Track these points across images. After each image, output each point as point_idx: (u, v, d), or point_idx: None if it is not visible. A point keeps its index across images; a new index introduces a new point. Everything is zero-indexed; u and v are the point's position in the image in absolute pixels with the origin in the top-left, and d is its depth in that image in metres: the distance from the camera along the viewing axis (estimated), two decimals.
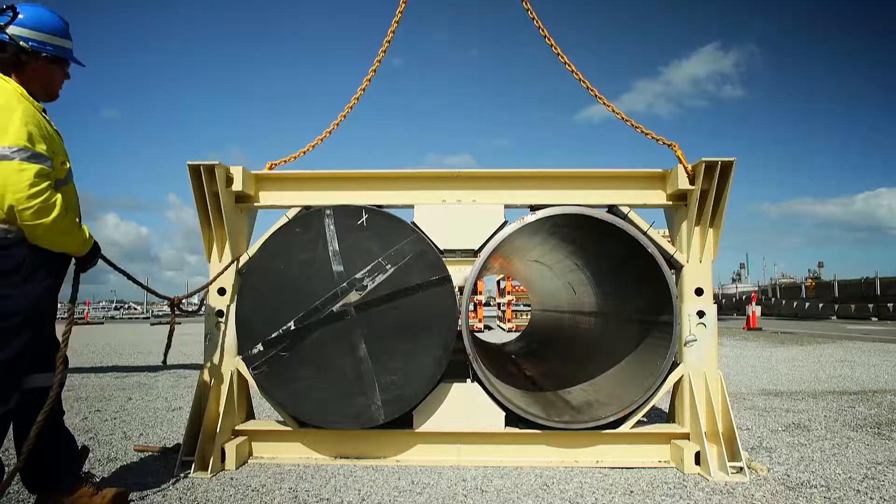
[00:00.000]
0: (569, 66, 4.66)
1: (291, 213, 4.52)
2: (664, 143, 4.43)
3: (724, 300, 48.95)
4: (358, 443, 4.27)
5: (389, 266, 4.14)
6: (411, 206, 4.58)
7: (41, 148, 2.83)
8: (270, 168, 4.68)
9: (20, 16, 3.02)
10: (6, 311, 2.78)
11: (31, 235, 2.83)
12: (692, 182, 4.21)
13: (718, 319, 4.36)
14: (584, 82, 4.65)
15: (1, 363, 2.77)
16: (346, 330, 4.12)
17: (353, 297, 4.13)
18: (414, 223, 4.50)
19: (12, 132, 2.75)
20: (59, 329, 3.06)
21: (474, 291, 5.40)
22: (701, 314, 4.27)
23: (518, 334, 13.84)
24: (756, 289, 50.28)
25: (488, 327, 23.86)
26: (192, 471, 3.91)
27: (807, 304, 36.86)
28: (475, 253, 4.49)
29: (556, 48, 4.69)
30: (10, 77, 3.01)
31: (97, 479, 3.51)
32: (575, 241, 5.55)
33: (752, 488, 3.62)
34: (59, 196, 2.86)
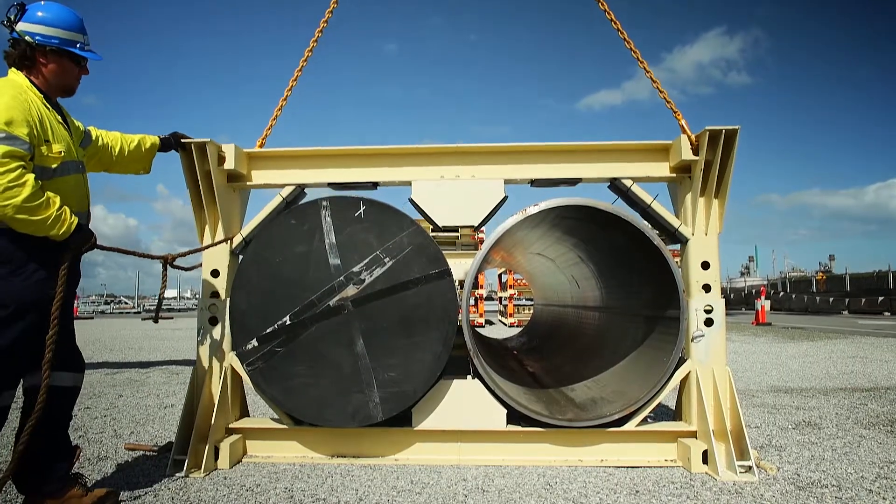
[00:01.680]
0: (616, 24, 4.63)
1: (285, 192, 4.54)
2: (672, 109, 4.45)
3: (732, 294, 48.98)
4: (355, 441, 4.27)
5: (388, 259, 4.13)
6: (409, 183, 4.59)
7: (20, 132, 2.89)
8: (261, 146, 4.71)
9: (29, 12, 3.16)
10: None
11: (3, 219, 2.85)
12: (696, 152, 4.23)
13: (726, 314, 4.35)
14: (628, 43, 4.60)
15: None
16: (344, 325, 4.11)
17: (351, 291, 4.12)
18: (412, 199, 4.52)
19: None
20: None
21: (475, 285, 5.40)
22: (707, 288, 4.27)
23: (520, 329, 13.85)
24: (765, 283, 50.35)
25: (489, 322, 23.90)
26: (184, 470, 3.91)
27: (817, 299, 36.89)
28: (475, 229, 4.52)
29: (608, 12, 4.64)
30: (23, 71, 3.18)
31: (87, 480, 3.51)
32: (579, 233, 5.54)
33: (761, 488, 3.62)
34: (30, 176, 2.88)
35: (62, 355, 3.15)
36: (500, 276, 25.31)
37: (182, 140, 4.21)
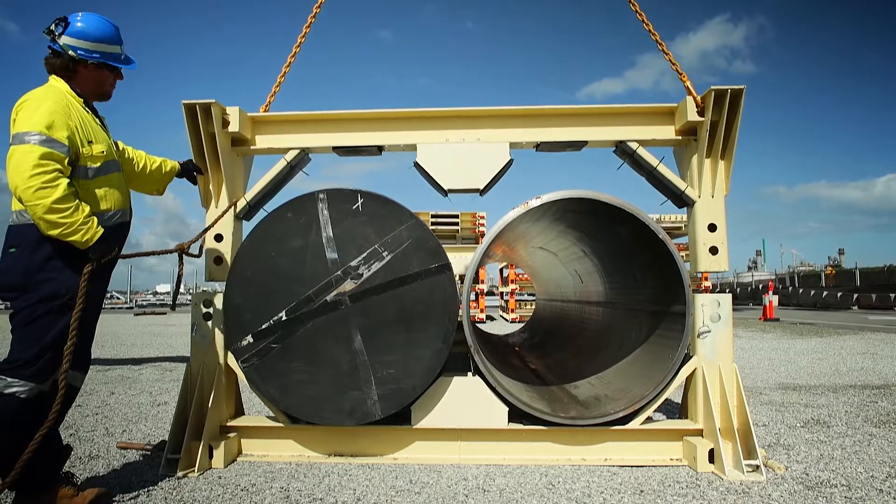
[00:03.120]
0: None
1: (290, 156, 4.62)
2: (678, 71, 4.51)
3: (739, 289, 48.99)
4: (353, 440, 4.28)
5: (386, 253, 4.12)
6: (414, 147, 4.66)
7: (59, 135, 3.11)
8: (265, 111, 4.77)
9: (72, 25, 3.36)
10: (52, 292, 3.10)
11: (33, 217, 3.06)
12: (701, 114, 4.29)
13: (733, 309, 4.35)
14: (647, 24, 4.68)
15: (47, 341, 3.08)
16: (341, 321, 4.11)
17: (348, 285, 4.12)
18: (417, 163, 4.60)
19: (35, 119, 3.08)
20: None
21: (476, 280, 5.42)
22: (714, 250, 4.32)
23: (522, 325, 13.86)
24: (773, 277, 50.34)
25: (490, 318, 23.90)
26: (178, 469, 3.91)
27: (824, 293, 36.89)
28: (480, 192, 4.61)
29: None
30: (61, 79, 3.39)
31: (78, 479, 3.52)
32: (582, 226, 5.53)
33: (768, 488, 3.63)
34: (64, 181, 3.08)
35: (79, 356, 3.27)
36: (501, 270, 25.31)
37: (197, 170, 4.38)
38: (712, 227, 4.35)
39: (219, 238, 4.51)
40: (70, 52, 3.35)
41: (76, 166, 3.23)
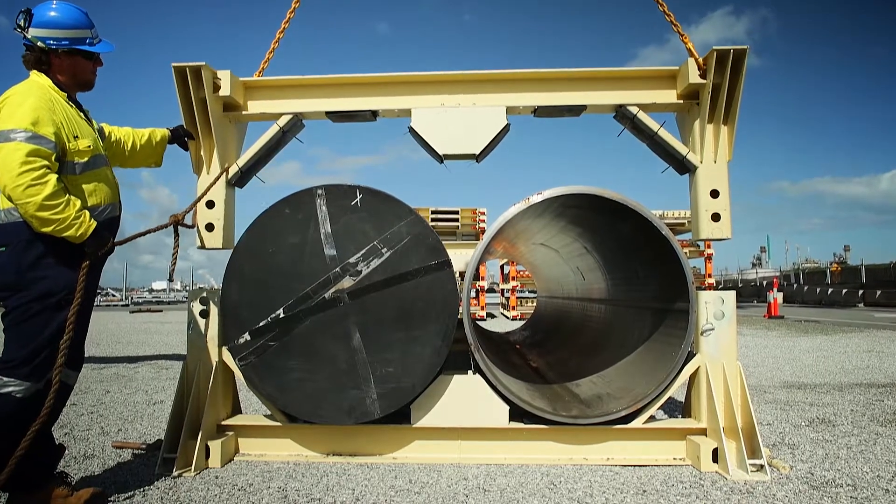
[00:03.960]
0: None
1: (282, 121, 4.61)
2: (679, 32, 4.51)
3: (743, 286, 49.01)
4: (351, 439, 4.28)
5: (385, 250, 4.12)
6: (408, 112, 4.66)
7: (45, 131, 3.10)
8: (258, 77, 4.77)
9: (37, 16, 3.34)
10: (46, 290, 3.11)
11: (25, 216, 3.07)
12: (704, 76, 4.27)
13: (737, 307, 4.34)
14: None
15: (43, 340, 3.09)
16: (339, 318, 4.11)
17: (347, 282, 4.11)
18: (411, 127, 4.60)
19: (19, 115, 3.06)
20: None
21: (476, 277, 5.43)
22: (716, 217, 4.30)
23: (523, 323, 13.88)
24: (777, 274, 50.33)
25: (491, 315, 23.92)
26: (174, 469, 3.91)
27: (829, 290, 36.90)
28: (477, 157, 4.60)
29: None
30: (45, 73, 3.38)
31: (73, 479, 3.52)
32: (584, 222, 5.53)
33: (773, 487, 3.63)
34: (53, 176, 3.08)
35: (73, 353, 3.28)
36: (502, 267, 25.33)
37: (188, 135, 4.41)
38: (715, 194, 4.33)
39: (210, 205, 4.49)
40: (39, 44, 3.32)
41: (63, 162, 3.22)
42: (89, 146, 3.36)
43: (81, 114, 3.49)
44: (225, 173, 4.53)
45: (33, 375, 3.06)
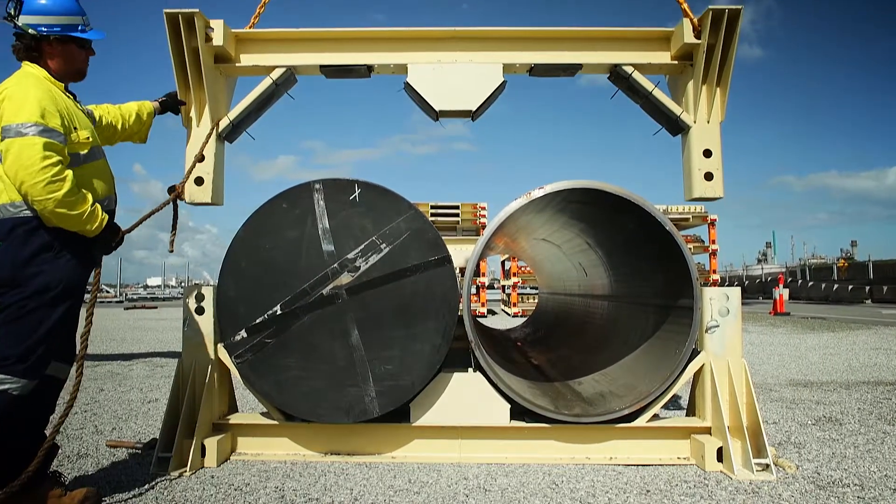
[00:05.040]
0: None
1: (275, 74, 4.65)
2: None
3: (748, 282, 49.02)
4: (350, 438, 4.28)
5: (384, 245, 4.11)
6: (404, 69, 4.72)
7: (54, 123, 3.12)
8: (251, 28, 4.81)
9: (27, 3, 3.31)
10: (43, 285, 3.10)
11: (42, 212, 3.09)
12: (698, 36, 4.40)
13: (743, 303, 4.34)
14: None
15: (39, 336, 3.09)
16: (337, 315, 4.10)
17: (345, 279, 4.11)
18: (407, 83, 4.66)
19: (27, 109, 3.05)
20: None
21: (477, 273, 5.44)
22: (709, 176, 4.43)
23: (524, 320, 13.87)
24: (783, 270, 50.35)
25: (492, 312, 23.92)
26: (169, 468, 3.91)
27: (836, 287, 36.89)
28: (472, 115, 4.69)
29: None
30: (36, 63, 3.35)
31: (66, 479, 3.52)
32: (586, 218, 5.52)
33: (779, 487, 3.63)
34: (69, 173, 3.13)
35: (65, 347, 3.33)
36: (503, 263, 25.33)
37: (180, 102, 4.42)
38: (707, 153, 4.47)
39: (200, 159, 4.52)
40: (31, 31, 3.29)
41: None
42: (88, 137, 3.37)
43: (77, 103, 3.48)
44: (215, 127, 4.57)
45: (29, 372, 3.06)
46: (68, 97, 3.39)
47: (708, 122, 4.47)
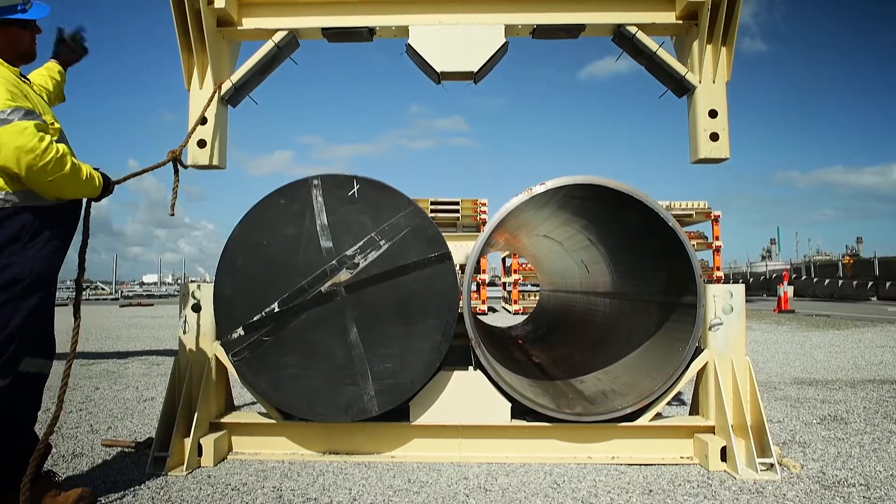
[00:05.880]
0: None
1: (277, 37, 4.74)
2: None
3: (752, 279, 49.02)
4: (348, 437, 4.28)
5: (383, 242, 4.11)
6: (406, 31, 4.80)
7: (28, 105, 3.08)
8: None
9: None
10: (12, 277, 3.00)
11: (52, 189, 3.08)
12: None
13: (746, 300, 4.34)
14: None
15: (11, 331, 2.97)
16: (336, 312, 4.10)
17: (344, 276, 4.11)
18: (409, 45, 4.73)
19: None
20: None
21: (477, 270, 5.46)
22: (715, 137, 4.49)
23: (525, 317, 13.86)
24: (788, 267, 50.32)
25: (492, 309, 23.91)
26: (165, 468, 3.91)
27: (840, 283, 36.89)
28: (474, 77, 4.75)
29: None
30: None
31: (60, 478, 3.52)
32: (588, 214, 5.52)
33: (783, 487, 3.63)
34: (63, 146, 3.12)
35: (41, 340, 3.26)
36: (503, 260, 25.31)
37: (62, 38, 4.05)
38: (713, 113, 4.51)
39: (202, 121, 4.60)
40: None
41: None
42: (53, 123, 3.29)
43: (31, 87, 3.36)
44: (218, 90, 4.62)
45: (1, 371, 2.96)
46: (25, 82, 3.28)
47: (714, 81, 4.52)
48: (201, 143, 4.58)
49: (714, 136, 4.47)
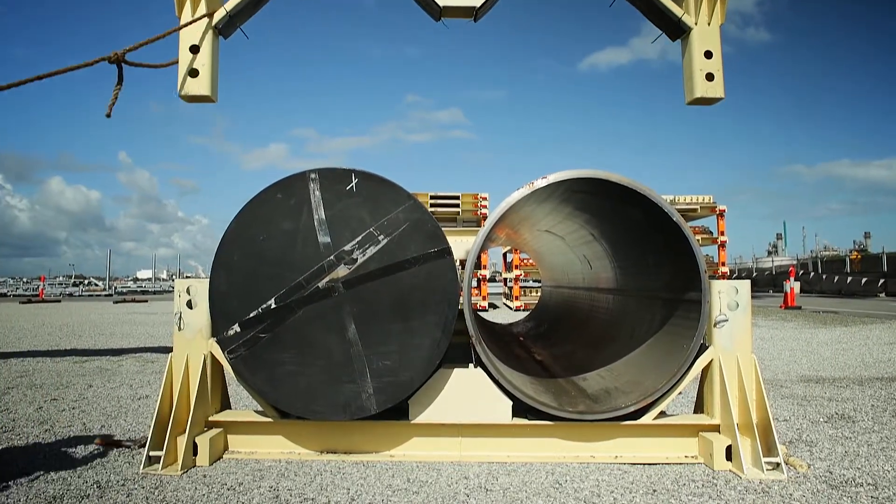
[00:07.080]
0: None
1: None
2: None
3: (758, 275, 49.04)
4: (347, 436, 4.28)
5: (382, 237, 4.10)
6: None
7: None
8: None
9: None
10: None
11: None
12: None
13: (752, 297, 4.34)
14: None
15: None
16: (334, 309, 4.10)
17: (342, 271, 4.10)
18: None
19: None
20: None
21: (478, 265, 5.45)
22: (710, 77, 4.65)
23: (527, 314, 13.87)
24: (794, 263, 50.35)
25: (493, 305, 23.93)
26: (160, 467, 3.92)
27: (849, 280, 36.88)
28: (475, 13, 4.85)
29: None
30: None
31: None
32: (590, 208, 5.51)
33: (790, 487, 3.64)
34: None
35: None
36: (504, 255, 25.34)
37: None
38: (708, 55, 4.67)
39: (194, 49, 4.58)
40: None
41: None
42: None
43: None
44: (210, 18, 4.63)
45: None
46: None
47: (709, 24, 4.68)
48: (193, 73, 4.56)
49: (709, 77, 4.65)
